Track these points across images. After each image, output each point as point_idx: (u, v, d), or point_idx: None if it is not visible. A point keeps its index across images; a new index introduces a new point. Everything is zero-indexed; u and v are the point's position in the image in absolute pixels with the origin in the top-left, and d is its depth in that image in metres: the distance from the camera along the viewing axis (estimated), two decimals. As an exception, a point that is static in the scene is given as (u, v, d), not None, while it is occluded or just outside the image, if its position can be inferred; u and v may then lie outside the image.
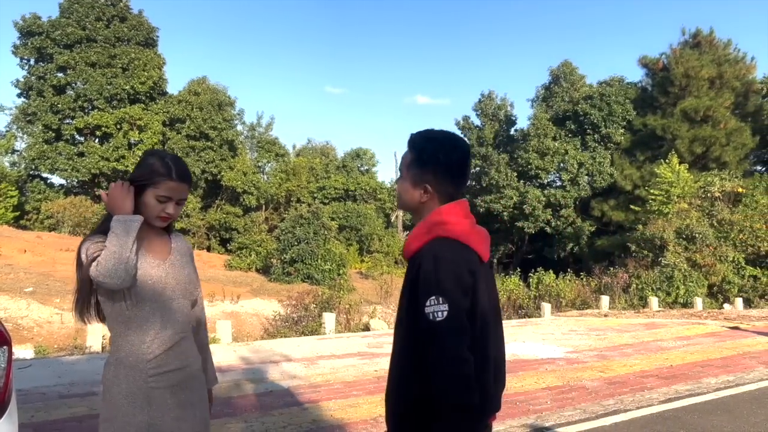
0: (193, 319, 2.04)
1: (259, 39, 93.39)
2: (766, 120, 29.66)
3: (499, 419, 4.68)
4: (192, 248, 2.13)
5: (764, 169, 32.98)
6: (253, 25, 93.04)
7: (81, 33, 34.96)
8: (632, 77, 45.14)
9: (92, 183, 37.27)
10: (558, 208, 32.27)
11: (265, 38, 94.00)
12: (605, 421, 4.69)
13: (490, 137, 36.59)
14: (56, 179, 37.78)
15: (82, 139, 36.92)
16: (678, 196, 21.61)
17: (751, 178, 26.43)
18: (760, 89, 30.80)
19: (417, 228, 1.72)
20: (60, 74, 35.53)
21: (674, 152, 24.79)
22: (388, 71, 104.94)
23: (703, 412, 4.98)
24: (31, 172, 36.71)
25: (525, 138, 33.90)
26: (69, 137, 35.80)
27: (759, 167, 32.60)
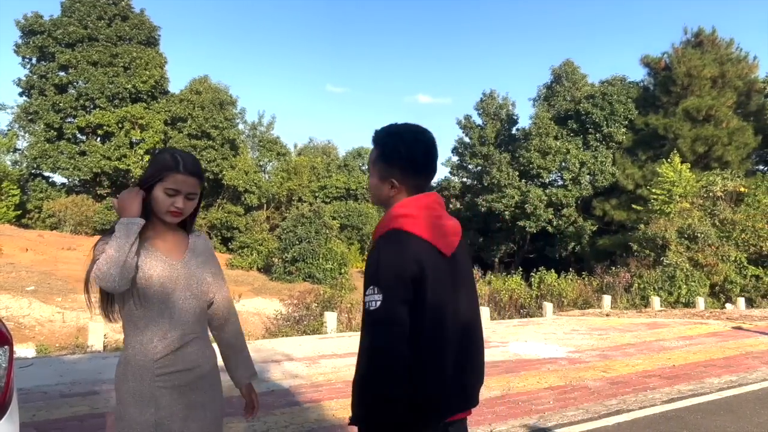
0: (216, 319, 2.02)
1: (260, 38, 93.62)
2: (768, 119, 29.61)
3: (501, 419, 4.67)
4: (212, 246, 2.11)
5: (766, 168, 32.91)
6: (255, 24, 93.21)
7: (83, 32, 34.98)
8: (634, 76, 45.16)
9: (94, 182, 37.33)
10: (560, 208, 32.24)
11: (266, 37, 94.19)
12: (608, 422, 4.67)
13: (491, 136, 36.56)
14: (58, 178, 37.87)
15: (84, 138, 36.96)
16: (680, 196, 21.56)
17: (754, 177, 26.35)
18: (762, 88, 30.73)
19: (380, 221, 1.76)
20: (62, 73, 35.56)
21: (676, 151, 24.72)
22: (390, 70, 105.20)
23: (707, 413, 4.96)
24: (32, 171, 36.77)
25: (527, 137, 33.85)
26: (71, 136, 35.84)
27: (761, 167, 32.53)
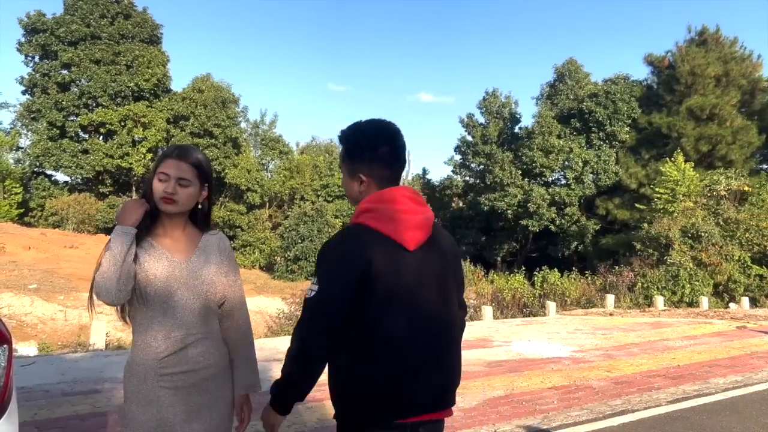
0: (223, 320, 1.98)
1: (262, 36, 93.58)
2: (772, 118, 29.47)
3: (504, 419, 4.64)
4: (228, 246, 2.06)
5: (770, 167, 32.77)
6: (257, 22, 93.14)
7: (85, 30, 34.99)
8: (638, 75, 45.11)
9: (96, 180, 37.37)
10: (562, 207, 32.16)
11: (268, 36, 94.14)
12: (613, 422, 4.64)
13: (494, 135, 36.47)
14: (60, 176, 37.91)
15: (87, 136, 36.99)
16: (683, 195, 21.46)
17: (758, 176, 26.26)
18: (766, 87, 30.56)
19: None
20: (64, 71, 35.59)
21: (680, 150, 24.61)
22: (392, 69, 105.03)
23: (712, 413, 4.92)
24: (35, 169, 36.81)
25: (529, 136, 33.76)
26: (73, 134, 35.86)
27: (765, 166, 32.35)
